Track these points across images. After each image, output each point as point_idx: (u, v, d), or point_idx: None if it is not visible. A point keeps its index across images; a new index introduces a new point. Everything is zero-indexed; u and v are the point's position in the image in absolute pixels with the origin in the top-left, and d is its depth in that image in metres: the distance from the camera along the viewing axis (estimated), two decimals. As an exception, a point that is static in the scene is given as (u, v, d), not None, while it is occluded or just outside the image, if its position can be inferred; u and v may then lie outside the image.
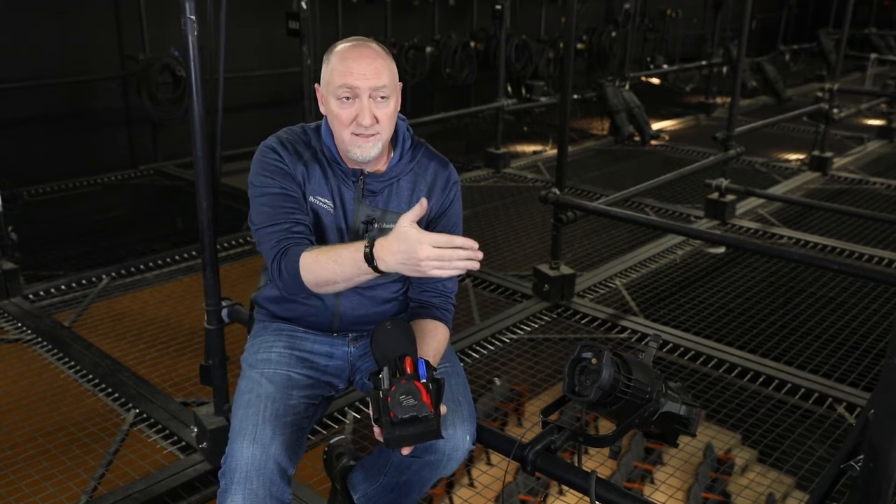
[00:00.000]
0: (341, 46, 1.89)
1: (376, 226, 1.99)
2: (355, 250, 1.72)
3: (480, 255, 1.64)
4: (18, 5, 5.96)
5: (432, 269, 1.61)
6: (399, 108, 1.96)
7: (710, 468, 2.94)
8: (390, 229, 1.93)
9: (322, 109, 1.94)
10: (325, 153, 1.97)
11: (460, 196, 2.08)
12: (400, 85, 1.95)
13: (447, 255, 1.61)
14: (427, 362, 1.73)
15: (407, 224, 1.64)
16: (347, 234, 1.99)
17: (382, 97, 1.86)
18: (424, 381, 1.69)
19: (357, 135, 1.87)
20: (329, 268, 1.77)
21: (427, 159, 2.03)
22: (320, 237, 1.98)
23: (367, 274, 1.73)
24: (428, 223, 2.02)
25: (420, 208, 1.68)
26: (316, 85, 1.95)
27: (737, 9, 11.60)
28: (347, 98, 1.85)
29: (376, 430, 1.71)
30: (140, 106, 6.64)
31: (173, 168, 6.97)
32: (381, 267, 1.69)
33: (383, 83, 1.85)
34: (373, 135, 1.87)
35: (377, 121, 1.86)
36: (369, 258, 1.69)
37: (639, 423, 1.73)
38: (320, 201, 1.97)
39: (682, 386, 1.82)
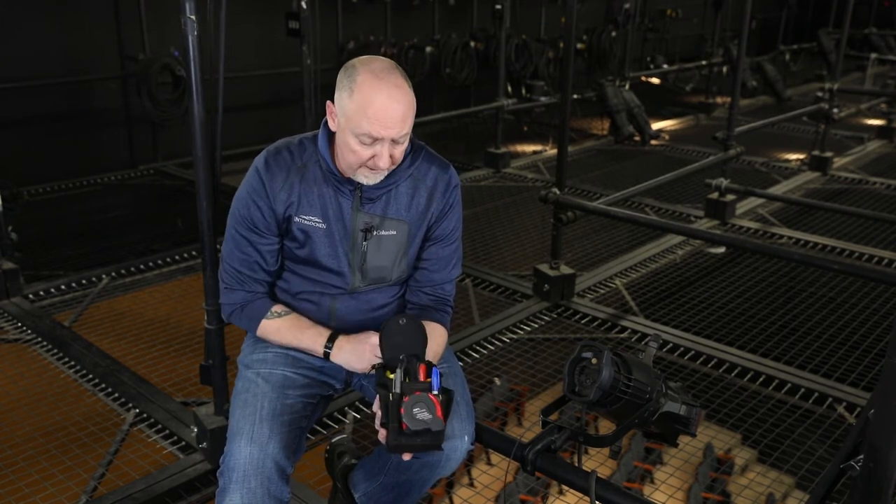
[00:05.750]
0: (369, 84, 1.77)
1: (375, 233, 1.96)
2: (314, 342, 1.96)
3: None
4: (19, 5, 5.96)
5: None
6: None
7: (710, 468, 2.94)
8: (389, 236, 1.94)
9: (332, 126, 1.88)
10: (320, 165, 1.93)
11: (460, 199, 2.06)
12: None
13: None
14: (440, 372, 1.73)
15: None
16: (344, 243, 1.96)
17: (402, 136, 1.83)
18: (437, 391, 1.68)
19: (369, 168, 1.85)
20: (287, 340, 2.00)
21: (427, 163, 1.99)
22: (310, 250, 1.96)
23: (317, 354, 1.98)
24: (429, 227, 2.01)
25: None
26: (329, 102, 1.88)
27: (737, 9, 11.59)
28: (367, 142, 1.81)
29: (382, 432, 1.71)
30: (140, 106, 6.63)
31: (173, 168, 6.97)
32: (331, 358, 1.96)
33: (406, 130, 1.82)
34: (384, 169, 1.86)
35: (392, 161, 1.85)
36: (326, 356, 1.96)
37: (639, 423, 1.73)
38: (307, 220, 1.93)
39: (682, 386, 1.82)
